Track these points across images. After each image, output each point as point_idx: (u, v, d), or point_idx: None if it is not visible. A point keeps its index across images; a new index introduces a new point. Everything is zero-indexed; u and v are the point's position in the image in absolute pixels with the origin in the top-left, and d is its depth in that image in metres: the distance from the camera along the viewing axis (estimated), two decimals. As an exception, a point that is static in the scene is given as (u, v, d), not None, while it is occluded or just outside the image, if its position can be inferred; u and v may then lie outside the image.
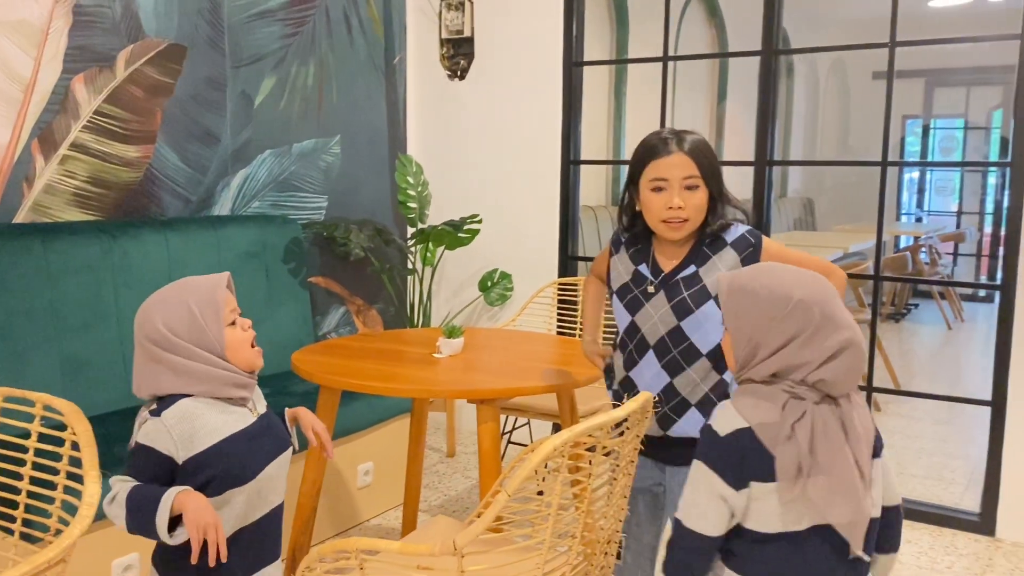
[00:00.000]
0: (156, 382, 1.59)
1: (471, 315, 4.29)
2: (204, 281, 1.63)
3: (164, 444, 1.54)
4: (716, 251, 1.90)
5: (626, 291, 1.97)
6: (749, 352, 1.41)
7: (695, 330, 1.88)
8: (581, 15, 3.88)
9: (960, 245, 8.81)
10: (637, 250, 1.99)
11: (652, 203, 1.87)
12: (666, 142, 1.86)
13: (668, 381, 1.91)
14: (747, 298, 1.41)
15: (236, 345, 1.62)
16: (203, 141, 3.33)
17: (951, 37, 3.25)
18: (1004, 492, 3.12)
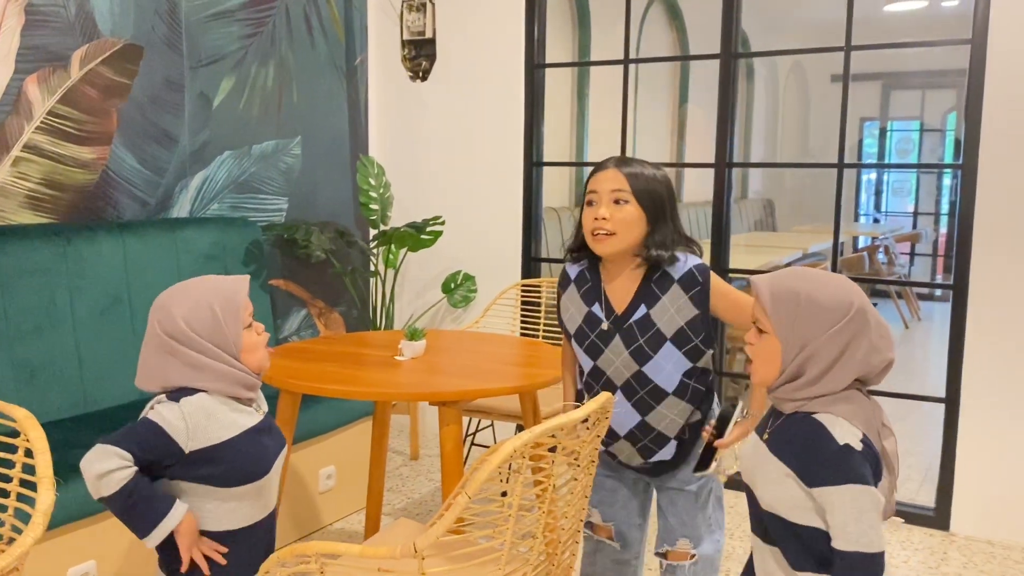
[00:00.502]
0: (165, 374, 1.61)
1: (434, 317, 4.28)
2: (227, 282, 1.67)
3: (176, 430, 1.56)
4: (664, 289, 1.88)
5: (583, 335, 1.95)
6: (800, 362, 1.40)
7: (657, 373, 1.89)
8: (543, 17, 3.89)
9: (916, 245, 8.98)
10: (588, 288, 1.96)
11: (585, 216, 1.90)
12: (606, 161, 1.91)
13: (640, 419, 1.93)
14: (809, 308, 1.39)
15: (251, 347, 1.67)
16: (160, 142, 3.29)
17: (905, 41, 3.31)
18: (958, 487, 3.18)
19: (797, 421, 1.42)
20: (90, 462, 1.53)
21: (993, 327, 3.08)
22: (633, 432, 1.94)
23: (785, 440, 1.43)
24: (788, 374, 1.42)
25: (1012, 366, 3.06)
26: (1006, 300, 3.05)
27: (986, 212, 3.06)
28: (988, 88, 3.02)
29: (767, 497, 1.43)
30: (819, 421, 1.39)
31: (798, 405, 1.43)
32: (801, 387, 1.41)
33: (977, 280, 3.09)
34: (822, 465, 1.35)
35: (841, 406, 1.39)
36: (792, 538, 1.42)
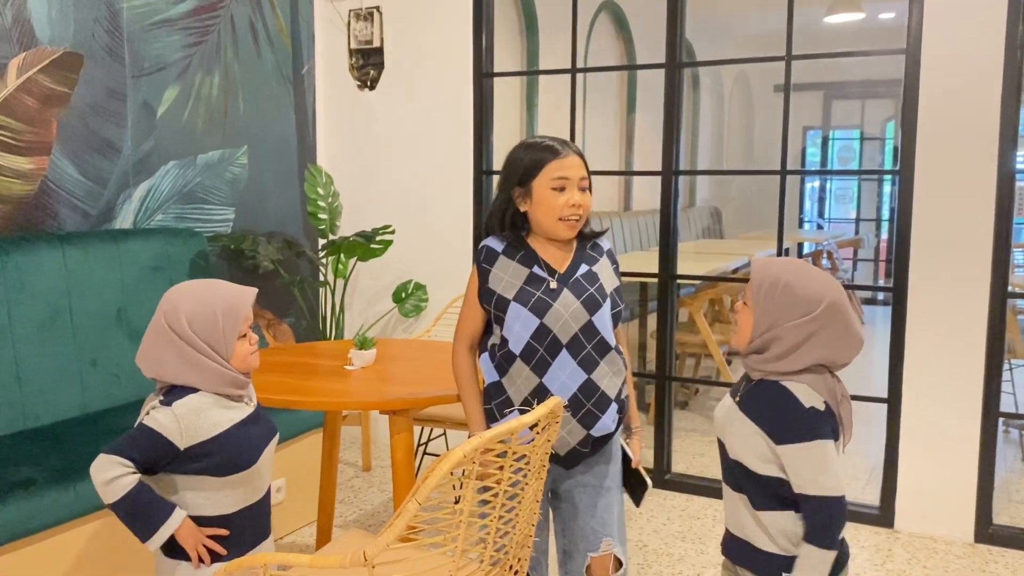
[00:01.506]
0: (161, 364, 1.74)
1: (386, 327, 4.26)
2: (235, 293, 1.79)
3: (170, 432, 1.70)
4: (599, 255, 2.03)
5: (526, 295, 1.93)
6: (767, 339, 1.61)
7: (603, 325, 1.95)
8: (491, 27, 3.91)
9: (859, 251, 9.19)
10: (522, 255, 1.98)
11: (553, 201, 1.93)
12: (562, 145, 1.96)
13: (586, 377, 1.93)
14: (784, 294, 1.59)
15: (241, 355, 1.80)
16: (103, 152, 3.22)
17: (843, 51, 3.40)
18: (901, 486, 3.26)
19: (766, 387, 1.63)
20: (97, 471, 1.67)
21: (931, 328, 3.17)
22: (576, 396, 1.92)
23: (755, 403, 1.63)
24: (754, 346, 1.63)
25: (950, 365, 3.14)
26: (943, 302, 3.14)
27: (923, 217, 3.15)
28: (923, 96, 3.11)
29: (736, 449, 1.65)
30: (786, 387, 1.60)
31: (764, 374, 1.64)
32: (765, 361, 1.62)
33: (916, 283, 3.18)
34: (790, 426, 1.57)
35: (806, 375, 1.61)
36: (755, 484, 1.63)
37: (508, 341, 1.94)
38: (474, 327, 2.03)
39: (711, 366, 5.72)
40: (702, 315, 4.83)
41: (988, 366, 3.10)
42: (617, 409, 1.98)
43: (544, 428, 1.66)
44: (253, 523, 1.85)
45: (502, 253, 1.98)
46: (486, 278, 1.98)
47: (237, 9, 3.77)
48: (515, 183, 1.96)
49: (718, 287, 5.21)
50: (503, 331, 1.96)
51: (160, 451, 1.70)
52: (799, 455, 1.56)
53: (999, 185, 3.03)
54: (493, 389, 1.99)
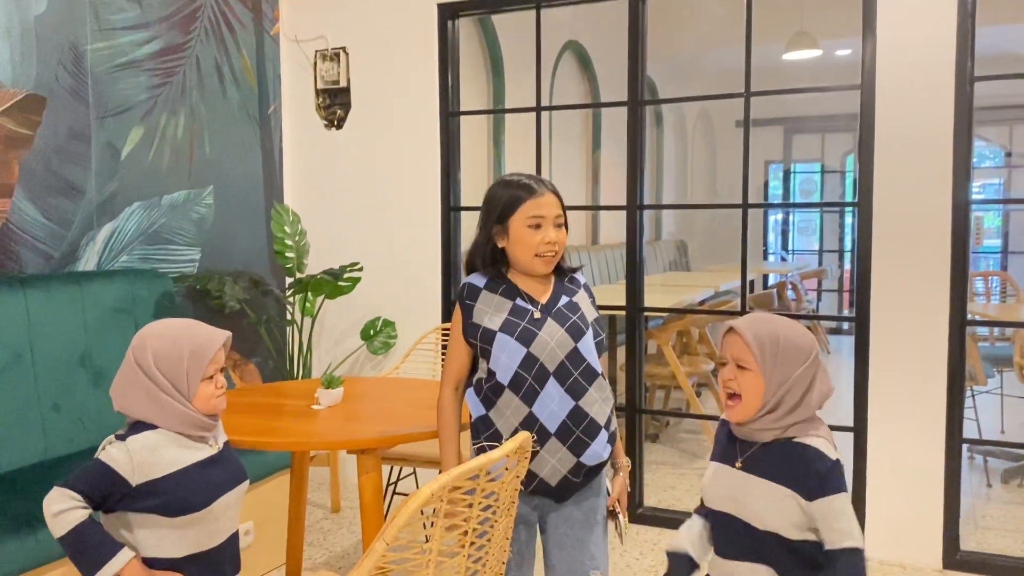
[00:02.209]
0: (127, 399, 1.75)
1: (354, 365, 4.23)
2: (206, 334, 1.79)
3: (121, 466, 1.68)
4: (577, 288, 2.08)
5: (512, 326, 1.96)
6: (781, 395, 1.61)
7: (588, 352, 1.99)
8: (456, 66, 3.96)
9: (823, 281, 9.32)
10: (504, 289, 2.02)
11: (529, 239, 1.97)
12: (537, 183, 2.00)
13: (574, 404, 1.95)
14: (787, 348, 1.61)
15: (204, 397, 1.78)
16: (66, 194, 3.20)
17: (800, 87, 3.48)
18: (869, 513, 3.29)
19: (783, 446, 1.63)
20: (47, 504, 1.66)
21: (894, 357, 3.22)
22: (566, 424, 1.93)
23: (775, 465, 1.61)
24: (769, 406, 1.61)
25: (913, 393, 3.19)
26: (904, 331, 3.20)
27: (882, 248, 3.22)
28: (878, 130, 3.19)
29: (768, 519, 1.60)
30: (808, 444, 1.60)
31: (777, 433, 1.63)
32: (780, 417, 1.62)
33: (877, 313, 3.23)
34: (822, 480, 1.56)
35: (817, 430, 1.62)
36: (788, 554, 1.60)
37: (495, 373, 1.96)
38: (460, 366, 2.05)
39: (680, 398, 5.75)
40: (670, 347, 4.86)
41: (950, 393, 3.15)
42: (608, 437, 2.00)
43: (513, 464, 1.66)
44: (206, 570, 1.79)
45: (484, 288, 2.02)
46: (470, 313, 2.01)
47: (203, 50, 3.78)
48: (494, 220, 2.01)
49: (686, 319, 5.25)
50: (490, 363, 1.98)
51: (112, 486, 1.68)
52: (832, 507, 1.55)
53: (954, 215, 3.11)
54: (481, 423, 2.00)
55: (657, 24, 3.75)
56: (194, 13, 3.73)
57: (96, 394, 3.04)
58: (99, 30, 3.31)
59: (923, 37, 3.11)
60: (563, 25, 6.39)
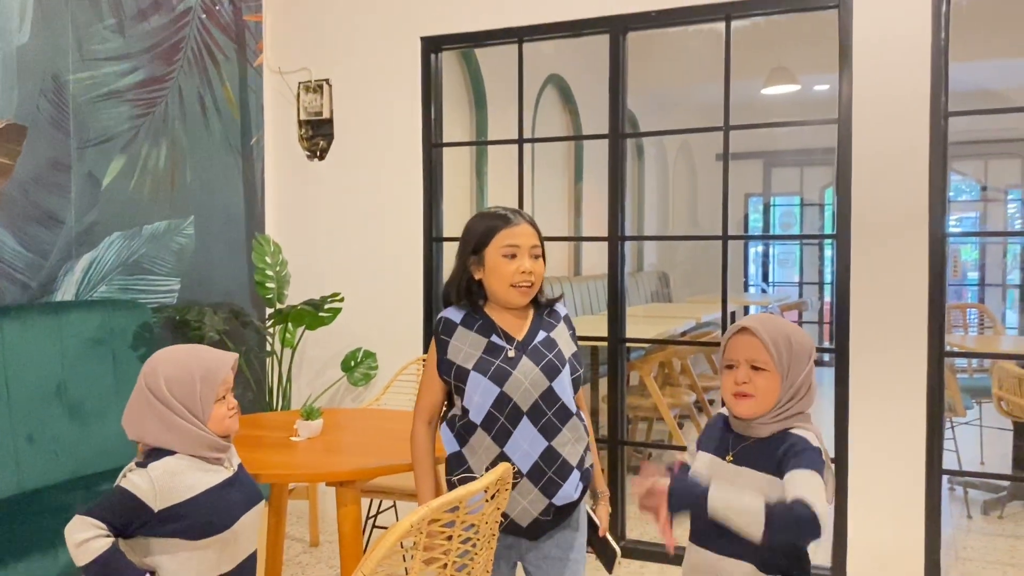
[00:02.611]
0: (143, 427, 1.78)
1: (334, 396, 4.20)
2: (214, 357, 1.84)
3: (144, 493, 1.72)
4: (556, 322, 2.05)
5: (485, 364, 1.93)
6: (792, 393, 1.68)
7: (563, 391, 1.96)
8: (439, 98, 3.99)
9: (803, 313, 9.38)
10: (480, 325, 1.99)
11: (504, 268, 1.96)
12: (514, 214, 2.00)
13: (547, 444, 1.93)
14: (798, 349, 1.69)
15: (218, 419, 1.82)
16: (44, 224, 3.18)
17: (778, 121, 3.53)
18: (852, 544, 3.28)
19: (776, 438, 1.68)
20: (70, 532, 1.67)
21: (874, 388, 3.23)
22: (538, 464, 1.92)
23: (763, 455, 1.67)
24: (782, 404, 1.68)
25: (893, 424, 3.20)
26: (884, 362, 3.22)
27: (861, 280, 3.25)
28: (855, 163, 3.24)
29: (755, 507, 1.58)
30: (796, 433, 1.67)
31: (775, 428, 1.68)
32: (786, 408, 1.68)
33: (857, 344, 3.26)
34: (797, 455, 1.61)
35: (807, 424, 1.70)
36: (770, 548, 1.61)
37: (469, 411, 1.95)
38: (433, 400, 2.03)
39: (663, 429, 5.74)
40: (652, 378, 4.87)
41: (930, 424, 3.17)
42: (580, 477, 1.98)
43: (493, 496, 1.65)
44: None
45: (460, 323, 2.00)
46: (445, 349, 1.99)
47: (186, 81, 3.79)
48: (469, 251, 1.99)
49: (668, 350, 5.26)
50: (463, 401, 1.96)
51: (134, 513, 1.71)
52: (797, 478, 1.58)
53: (931, 248, 3.14)
54: (454, 460, 1.99)
55: (638, 59, 3.80)
56: (178, 44, 3.74)
57: (72, 426, 3.00)
58: (81, 60, 3.31)
59: (898, 73, 3.16)
60: (545, 59, 6.46)
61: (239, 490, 1.86)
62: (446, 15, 3.88)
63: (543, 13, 3.69)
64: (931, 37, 3.12)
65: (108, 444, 3.12)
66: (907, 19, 3.15)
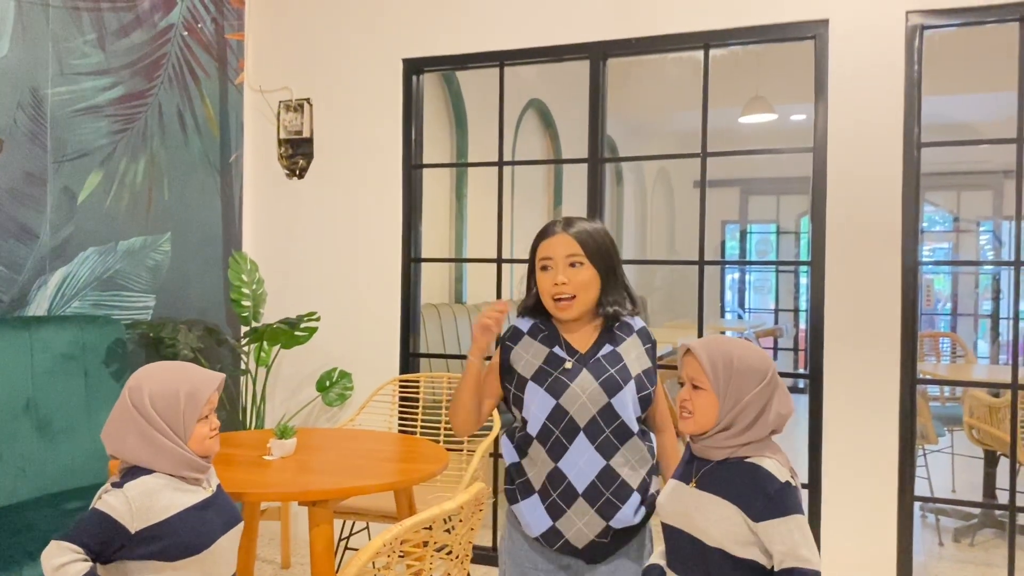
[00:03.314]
0: (123, 442, 1.76)
1: (309, 416, 4.17)
2: (200, 376, 1.83)
3: (120, 514, 1.69)
4: (626, 335, 1.96)
5: (543, 375, 1.89)
6: (735, 414, 1.64)
7: (624, 408, 1.87)
8: (420, 120, 4.01)
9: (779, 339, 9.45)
10: (545, 336, 1.95)
11: (542, 282, 1.92)
12: (553, 225, 1.94)
13: (604, 464, 1.85)
14: (740, 369, 1.65)
15: (199, 438, 1.81)
16: (18, 237, 3.15)
17: (755, 149, 3.57)
18: (824, 569, 3.29)
19: (733, 465, 1.65)
20: (47, 558, 1.64)
21: (847, 414, 3.26)
22: (595, 484, 1.84)
23: (724, 482, 1.64)
24: (723, 424, 1.65)
25: (866, 450, 3.23)
26: (857, 389, 3.24)
27: (835, 307, 3.28)
28: (830, 191, 3.28)
29: (715, 534, 1.62)
30: (756, 464, 1.63)
31: (730, 452, 1.66)
32: (733, 435, 1.65)
33: (831, 370, 3.28)
34: (768, 501, 1.58)
35: (771, 452, 1.65)
36: (734, 570, 1.61)
37: (527, 422, 1.90)
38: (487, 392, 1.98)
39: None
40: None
41: (902, 450, 3.19)
42: (641, 501, 1.88)
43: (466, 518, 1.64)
44: None
45: (527, 333, 1.97)
46: (508, 355, 1.96)
47: (166, 97, 3.78)
48: (529, 271, 1.98)
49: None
50: (523, 412, 1.91)
51: (111, 534, 1.69)
52: (779, 529, 1.57)
53: (903, 276, 3.19)
54: (514, 470, 1.93)
55: (617, 86, 3.84)
56: (159, 61, 3.74)
57: (40, 443, 2.96)
58: (61, 74, 3.30)
59: (873, 104, 3.22)
60: (526, 84, 6.51)
61: (217, 511, 1.84)
62: (428, 37, 3.90)
63: (525, 38, 3.73)
64: (905, 69, 3.18)
65: (77, 462, 3.07)
66: (882, 52, 3.21)
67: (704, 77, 3.51)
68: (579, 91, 3.80)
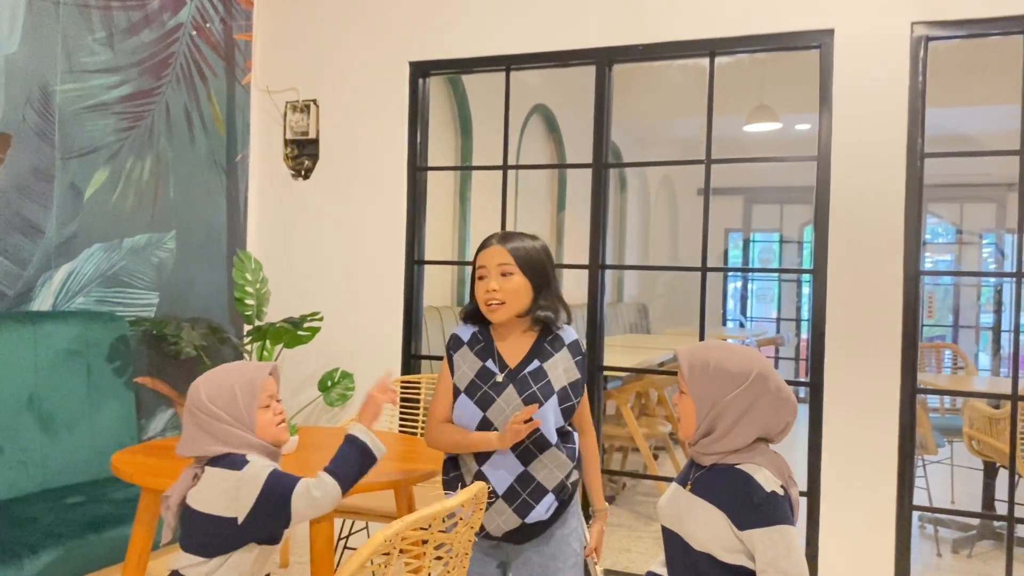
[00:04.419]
0: (199, 445, 1.82)
1: (310, 415, 4.18)
2: (250, 367, 1.89)
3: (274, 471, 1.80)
4: (556, 349, 2.10)
5: (474, 388, 2.06)
6: (711, 419, 1.65)
7: (544, 422, 2.01)
8: (426, 123, 4.02)
9: (780, 348, 9.45)
10: (481, 347, 2.10)
11: (478, 289, 2.08)
12: (491, 238, 2.10)
13: (523, 469, 2.02)
14: (716, 373, 1.65)
15: (264, 425, 1.87)
16: (24, 233, 3.16)
17: (759, 157, 3.59)
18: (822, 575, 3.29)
19: (722, 471, 1.65)
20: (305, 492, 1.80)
21: (847, 423, 3.26)
22: (513, 487, 2.01)
23: (713, 487, 1.65)
24: (703, 429, 1.66)
25: (865, 459, 3.23)
26: (857, 397, 3.25)
27: (836, 315, 3.29)
28: (833, 200, 3.29)
29: (701, 538, 1.62)
30: (744, 471, 1.61)
31: (717, 458, 1.66)
32: (714, 441, 1.65)
33: (831, 379, 3.29)
34: (753, 510, 1.58)
35: (759, 458, 1.62)
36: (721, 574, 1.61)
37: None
38: (447, 405, 2.12)
39: (639, 460, 5.74)
40: (628, 408, 4.88)
41: (901, 460, 3.20)
42: (554, 499, 2.04)
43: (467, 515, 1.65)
44: None
45: (466, 343, 2.12)
46: (451, 364, 2.12)
47: (173, 96, 3.80)
48: (471, 278, 2.13)
49: (645, 380, 5.28)
50: (454, 418, 2.09)
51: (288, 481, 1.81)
52: (763, 539, 1.57)
53: (905, 285, 3.19)
54: (450, 464, 2.12)
55: (622, 92, 3.85)
56: (167, 60, 3.76)
57: (42, 437, 2.97)
58: (70, 71, 3.32)
59: (877, 114, 3.23)
60: (531, 89, 6.53)
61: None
62: (435, 41, 3.92)
63: (531, 43, 3.74)
64: (909, 80, 3.20)
65: (78, 456, 3.08)
66: (887, 62, 3.22)
67: (709, 85, 3.52)
68: (584, 97, 3.82)
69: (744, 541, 1.59)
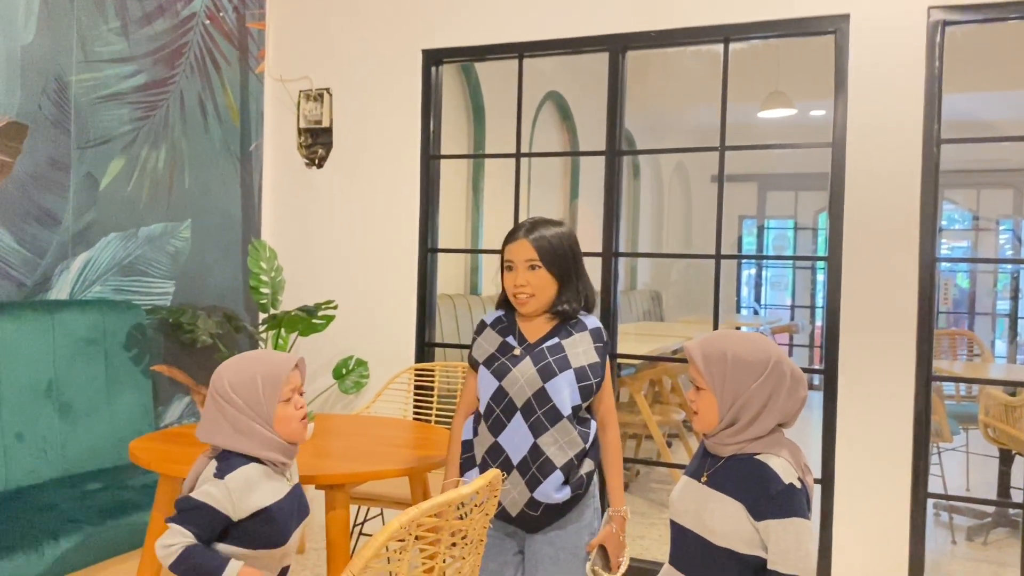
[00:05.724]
0: (216, 432, 1.81)
1: (325, 403, 4.21)
2: (276, 358, 1.86)
3: (223, 505, 1.75)
4: (578, 331, 2.15)
5: (493, 360, 2.13)
6: (736, 411, 1.64)
7: (556, 393, 2.06)
8: (439, 111, 4.02)
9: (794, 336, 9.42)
10: (503, 327, 2.18)
11: (505, 281, 2.15)
12: (517, 230, 2.14)
13: (533, 441, 2.06)
14: (735, 364, 1.64)
15: (284, 420, 1.83)
16: (42, 222, 3.19)
17: (773, 143, 3.57)
18: (835, 564, 3.29)
19: (741, 462, 1.65)
20: (159, 539, 1.74)
21: (861, 411, 3.26)
22: (526, 459, 2.06)
23: (730, 479, 1.65)
24: (726, 422, 1.66)
25: (880, 447, 3.22)
26: (872, 385, 3.24)
27: (851, 302, 3.28)
28: (848, 187, 3.27)
29: (722, 533, 1.62)
30: (763, 462, 1.63)
31: (737, 448, 1.66)
32: (737, 431, 1.65)
33: (845, 366, 3.28)
34: (770, 501, 1.58)
35: (778, 448, 1.63)
36: (739, 570, 1.62)
37: (480, 402, 2.15)
38: (470, 396, 2.21)
39: (652, 447, 5.75)
40: (642, 395, 4.88)
41: (916, 448, 3.19)
42: (564, 480, 2.06)
43: (482, 502, 1.66)
44: None
45: (490, 325, 2.21)
46: (472, 347, 2.21)
47: (187, 86, 3.81)
48: (500, 267, 2.18)
49: (658, 367, 5.28)
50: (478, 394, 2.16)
51: (215, 524, 1.76)
52: (776, 530, 1.57)
53: (920, 272, 3.18)
54: (465, 446, 2.19)
55: (635, 80, 3.84)
56: (181, 49, 3.77)
57: (61, 424, 3.00)
58: (85, 62, 3.34)
59: (893, 100, 3.21)
60: (544, 76, 6.51)
61: (294, 501, 1.89)
62: (448, 28, 3.92)
63: (544, 30, 3.73)
64: (925, 66, 3.17)
65: (97, 443, 3.12)
66: (903, 47, 3.20)
67: (724, 71, 3.50)
68: (597, 84, 3.80)
69: (760, 531, 1.59)
